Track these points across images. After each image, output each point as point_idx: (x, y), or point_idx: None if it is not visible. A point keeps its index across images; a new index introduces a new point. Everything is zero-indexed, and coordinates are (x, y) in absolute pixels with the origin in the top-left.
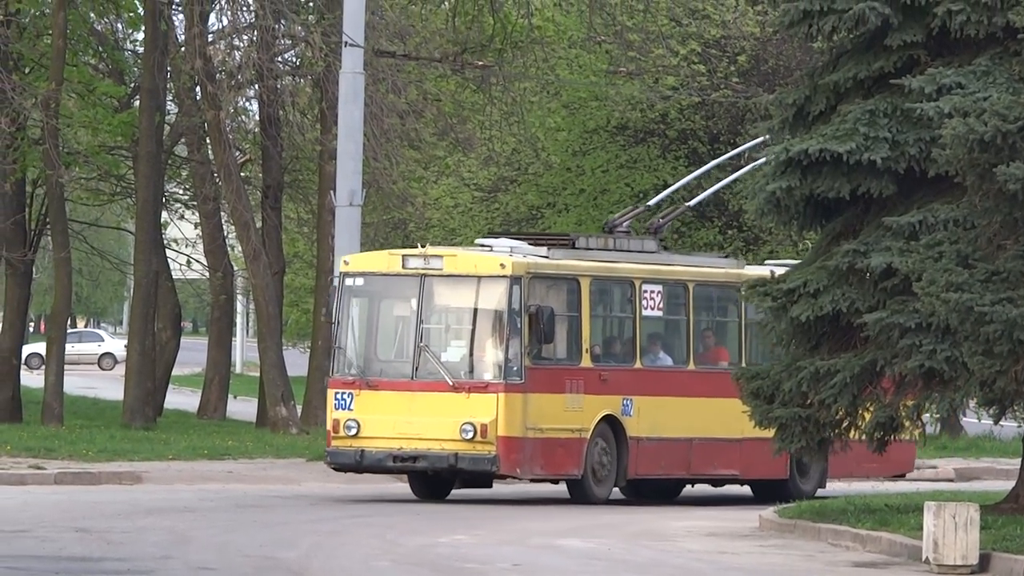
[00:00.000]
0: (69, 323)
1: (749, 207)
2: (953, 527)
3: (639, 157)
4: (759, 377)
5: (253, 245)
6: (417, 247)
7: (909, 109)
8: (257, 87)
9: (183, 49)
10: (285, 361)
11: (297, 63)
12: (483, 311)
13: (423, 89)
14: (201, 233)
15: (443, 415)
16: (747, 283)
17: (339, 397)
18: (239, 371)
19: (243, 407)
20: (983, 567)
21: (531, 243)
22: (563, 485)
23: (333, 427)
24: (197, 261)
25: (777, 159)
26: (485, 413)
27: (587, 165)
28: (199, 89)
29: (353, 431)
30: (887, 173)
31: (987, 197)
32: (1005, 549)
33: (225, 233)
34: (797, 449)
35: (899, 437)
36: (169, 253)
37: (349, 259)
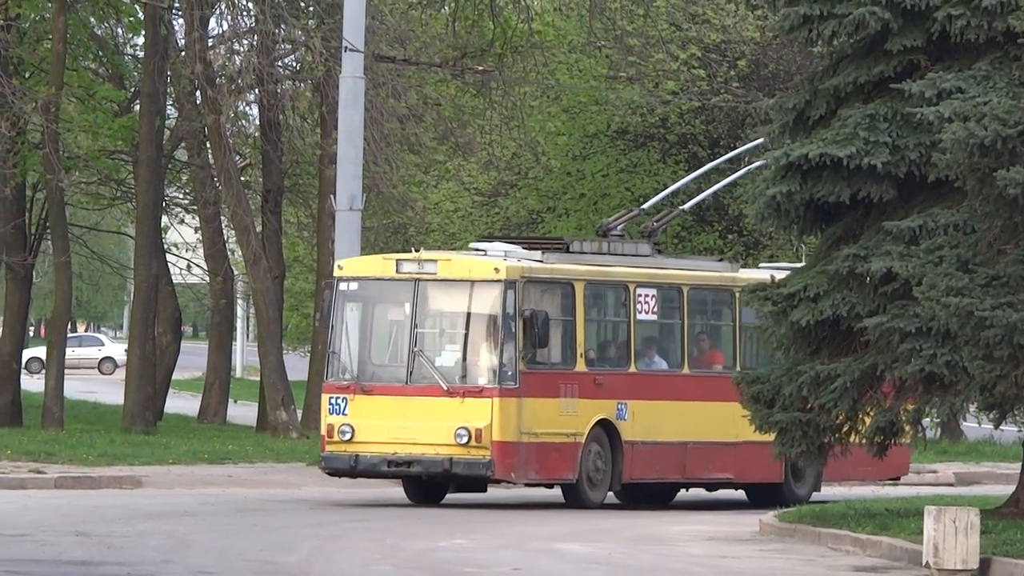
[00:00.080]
0: (69, 327)
1: (749, 211)
2: (953, 531)
3: (639, 161)
4: (759, 381)
5: (253, 249)
6: (412, 251)
7: (909, 113)
8: (257, 91)
9: (183, 53)
10: (285, 365)
11: (297, 67)
12: (477, 315)
13: (423, 93)
14: (201, 237)
15: (438, 420)
16: (747, 287)
17: (333, 402)
18: (239, 375)
19: (243, 411)
20: (983, 572)
21: (525, 247)
22: (558, 489)
23: (328, 432)
24: (197, 265)
25: (777, 164)
26: (480, 418)
27: (587, 169)
28: (199, 93)
29: (348, 436)
30: (887, 177)
31: (987, 201)
32: (1005, 553)
33: (225, 237)
34: (797, 453)
35: (898, 441)
36: (169, 257)
37: (343, 263)
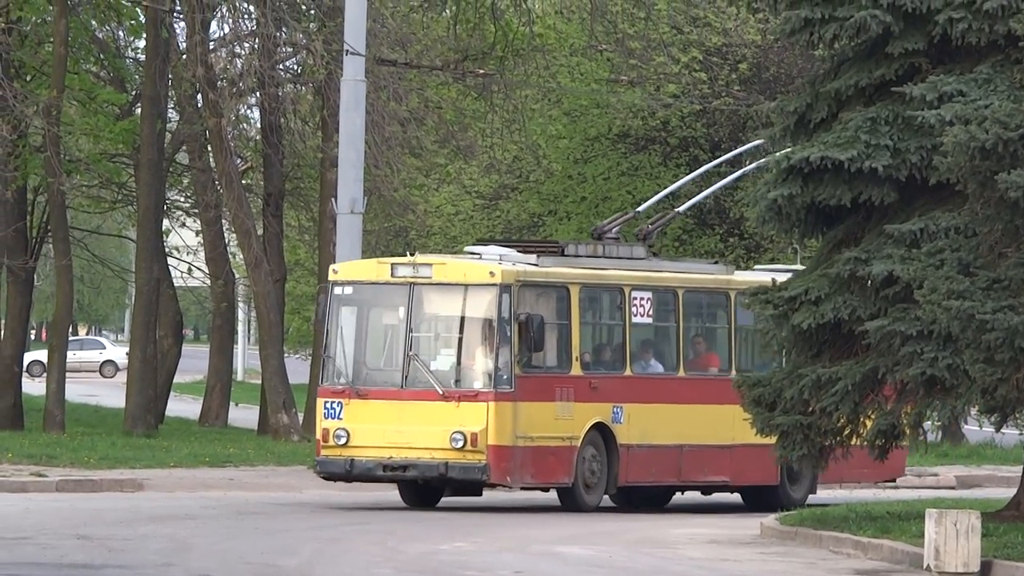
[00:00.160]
0: (71, 331)
1: (750, 214)
2: (955, 534)
3: (640, 165)
4: (760, 385)
5: (254, 253)
6: (407, 255)
7: (910, 117)
8: (258, 95)
9: (184, 57)
10: (287, 368)
11: (298, 71)
12: (472, 319)
13: (424, 97)
14: (202, 240)
15: (433, 424)
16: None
17: (329, 406)
18: (240, 378)
19: (244, 414)
20: (984, 575)
21: (520, 251)
22: (553, 492)
23: (323, 436)
24: (198, 268)
25: (778, 167)
26: (475, 422)
27: (588, 173)
28: (200, 97)
29: (343, 440)
30: (888, 181)
31: (988, 205)
32: (1006, 557)
33: (226, 241)
34: (799, 457)
35: (896, 444)
36: (170, 261)
37: (338, 268)
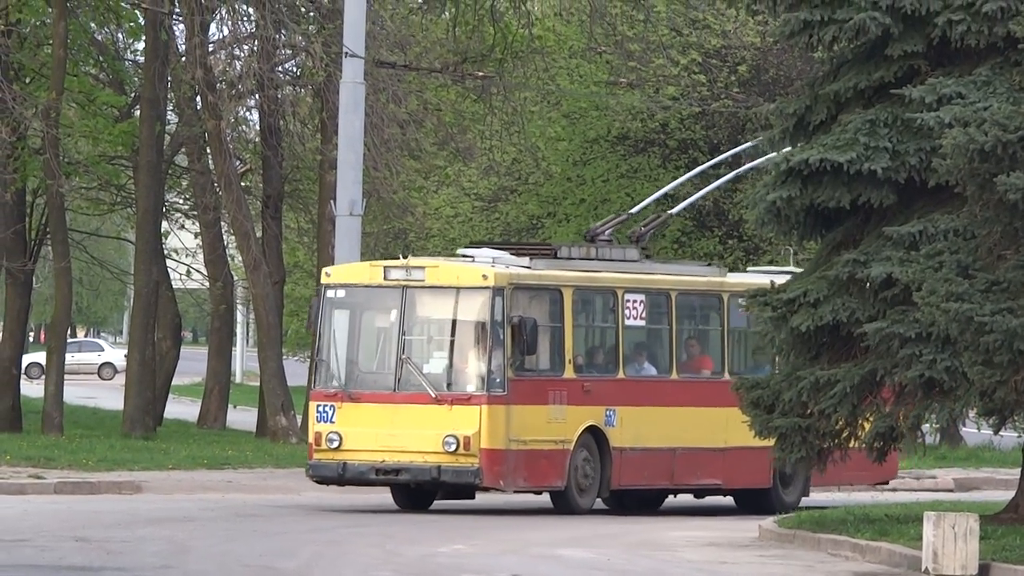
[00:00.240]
0: (69, 333)
1: (749, 217)
2: (953, 537)
3: (639, 167)
4: (759, 387)
5: (253, 255)
6: (399, 258)
7: (909, 119)
8: (257, 97)
9: (183, 59)
10: (285, 371)
11: (298, 73)
12: (465, 322)
13: (423, 99)
14: (201, 243)
15: (426, 427)
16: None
17: (321, 410)
18: (239, 381)
19: (243, 417)
20: None
21: (513, 253)
22: (546, 495)
23: (315, 440)
24: (197, 271)
25: (778, 169)
26: (468, 425)
27: (588, 175)
28: (199, 99)
29: (335, 444)
30: (887, 183)
31: (987, 207)
32: (1005, 559)
33: (225, 243)
34: (797, 459)
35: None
36: (169, 263)
37: (330, 271)
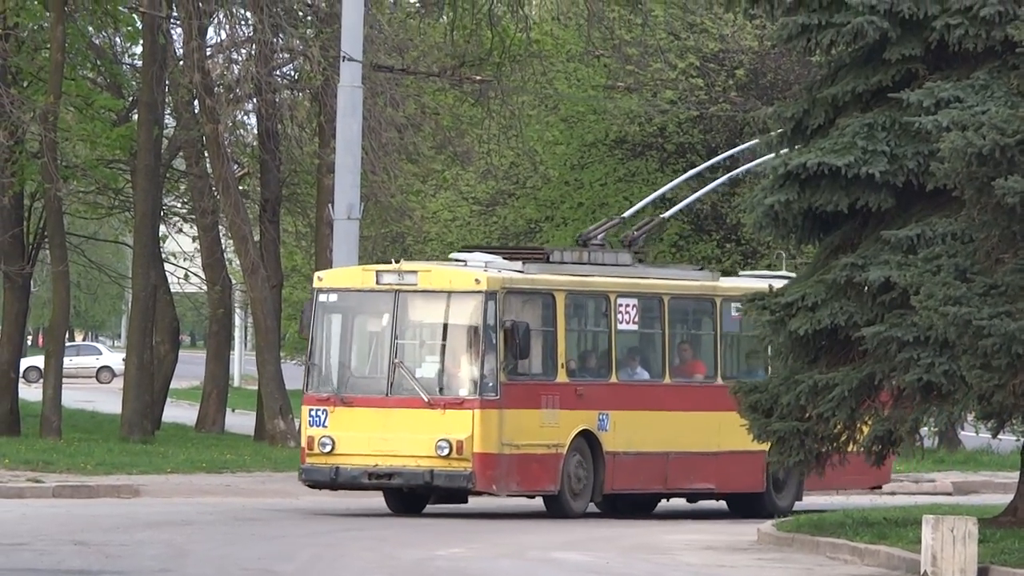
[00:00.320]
0: (67, 336)
1: (747, 220)
2: (951, 541)
3: (637, 171)
4: (757, 390)
5: (251, 258)
6: (391, 262)
7: (907, 123)
8: (255, 101)
9: (181, 63)
10: (283, 374)
11: (295, 77)
12: (458, 326)
13: (421, 103)
14: (199, 246)
15: (418, 432)
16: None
17: (313, 414)
18: (237, 384)
19: (241, 420)
20: None
21: (506, 257)
22: (539, 500)
23: (308, 444)
24: (195, 275)
25: (775, 172)
26: (461, 429)
27: (585, 179)
28: (197, 103)
29: (328, 448)
30: (885, 187)
31: (985, 211)
32: (1003, 563)
33: (223, 246)
34: (795, 463)
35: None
36: (167, 267)
37: (323, 275)
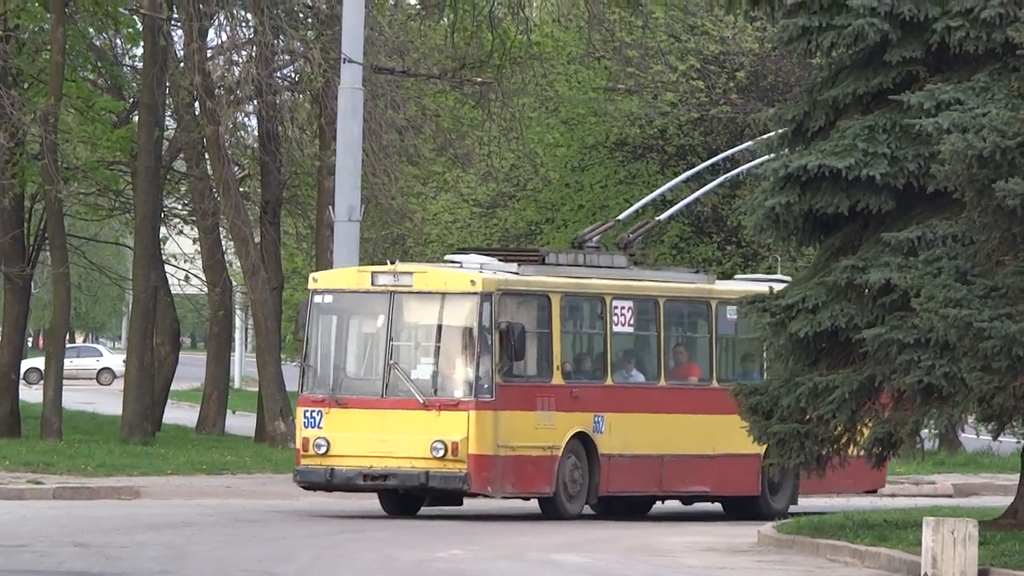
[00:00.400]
0: (68, 338)
1: (748, 222)
2: (952, 543)
3: (638, 173)
4: (757, 393)
5: (252, 260)
6: (387, 263)
7: (908, 125)
8: (256, 102)
9: (182, 64)
10: (284, 376)
11: (296, 79)
12: (453, 328)
13: (422, 105)
14: (200, 248)
15: (413, 433)
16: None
17: (308, 415)
18: (238, 386)
19: (242, 422)
20: None
21: (501, 259)
22: (533, 501)
23: (303, 445)
24: (196, 276)
25: (776, 175)
26: (456, 431)
27: (586, 181)
28: (198, 104)
29: (323, 449)
30: (886, 189)
31: (986, 213)
32: (1004, 565)
33: (224, 248)
34: (796, 465)
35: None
36: (168, 268)
37: (318, 276)
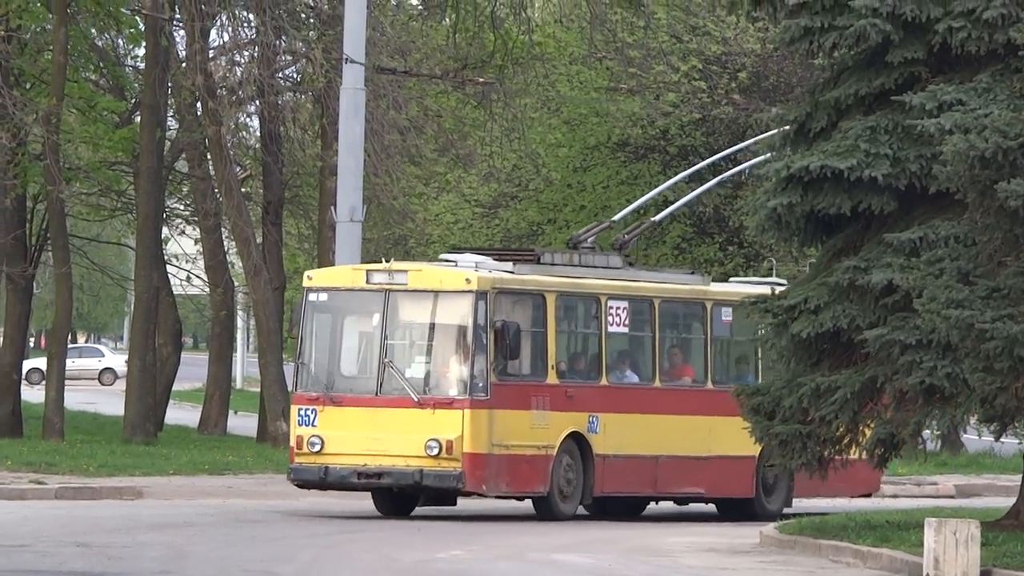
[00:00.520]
0: (70, 338)
1: (750, 223)
2: (954, 544)
3: (640, 173)
4: (759, 393)
5: (254, 261)
6: (382, 262)
7: (910, 126)
8: (258, 103)
9: (184, 65)
10: (286, 376)
11: (298, 79)
12: (448, 326)
13: (424, 105)
14: (202, 249)
15: (408, 431)
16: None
17: (303, 413)
18: (239, 386)
19: (243, 422)
20: None
21: (496, 258)
22: (527, 502)
23: (297, 444)
24: (198, 276)
25: (778, 175)
26: (450, 429)
27: (588, 181)
28: (200, 105)
29: (317, 448)
30: (888, 189)
31: (988, 214)
32: (1006, 566)
33: (226, 249)
34: (798, 466)
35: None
36: (170, 269)
37: (312, 274)
